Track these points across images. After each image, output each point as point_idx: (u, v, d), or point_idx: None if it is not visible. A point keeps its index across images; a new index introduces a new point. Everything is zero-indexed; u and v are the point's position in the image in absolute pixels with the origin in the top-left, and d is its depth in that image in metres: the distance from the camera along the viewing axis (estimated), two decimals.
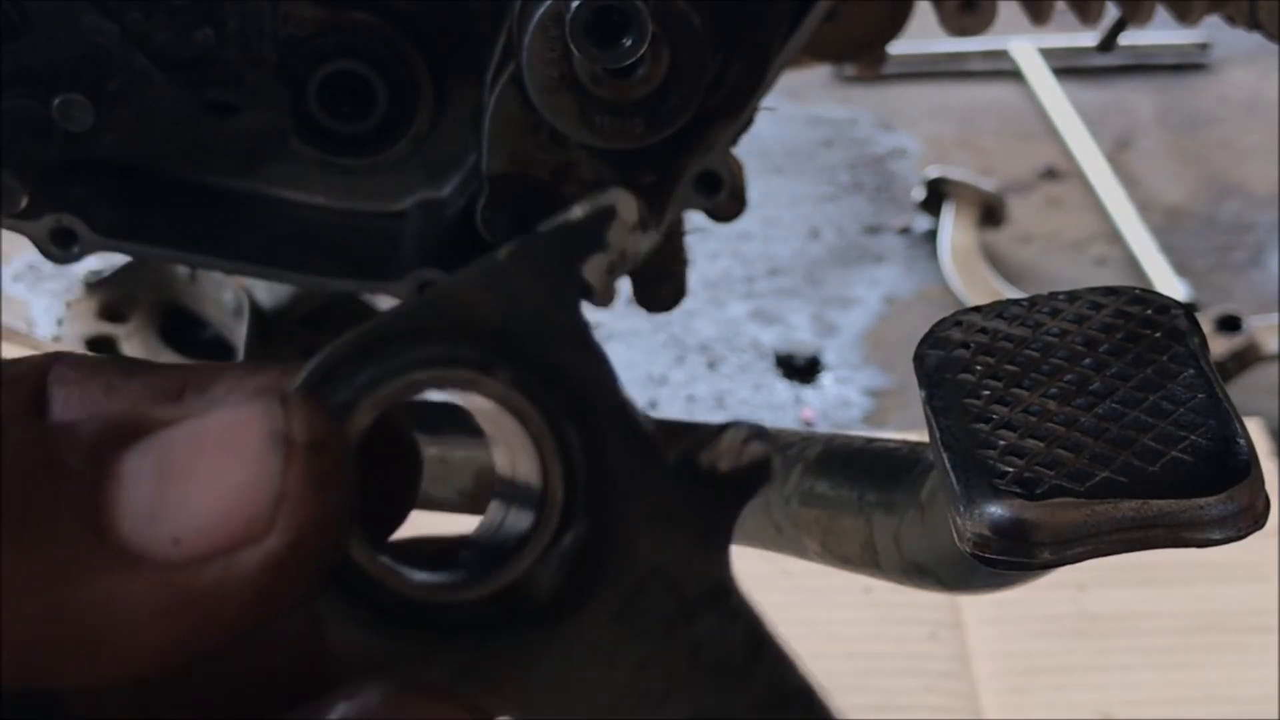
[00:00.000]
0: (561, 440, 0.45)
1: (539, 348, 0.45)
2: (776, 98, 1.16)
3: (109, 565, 0.41)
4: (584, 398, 0.46)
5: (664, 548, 0.46)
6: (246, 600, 0.41)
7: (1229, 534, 0.71)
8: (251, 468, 0.42)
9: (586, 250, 0.46)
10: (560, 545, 0.45)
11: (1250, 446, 0.73)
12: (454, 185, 1.22)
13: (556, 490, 0.45)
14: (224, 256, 1.19)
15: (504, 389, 0.45)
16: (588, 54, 0.99)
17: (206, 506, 0.41)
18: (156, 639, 0.41)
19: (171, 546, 0.41)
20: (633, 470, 0.46)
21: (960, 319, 0.81)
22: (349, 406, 0.44)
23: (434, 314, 0.45)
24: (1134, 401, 0.75)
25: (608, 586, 0.46)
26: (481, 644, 0.45)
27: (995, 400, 0.77)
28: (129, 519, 0.41)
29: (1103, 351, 0.78)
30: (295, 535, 0.41)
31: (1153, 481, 0.72)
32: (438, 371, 0.44)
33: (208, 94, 1.13)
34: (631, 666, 0.46)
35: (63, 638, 0.41)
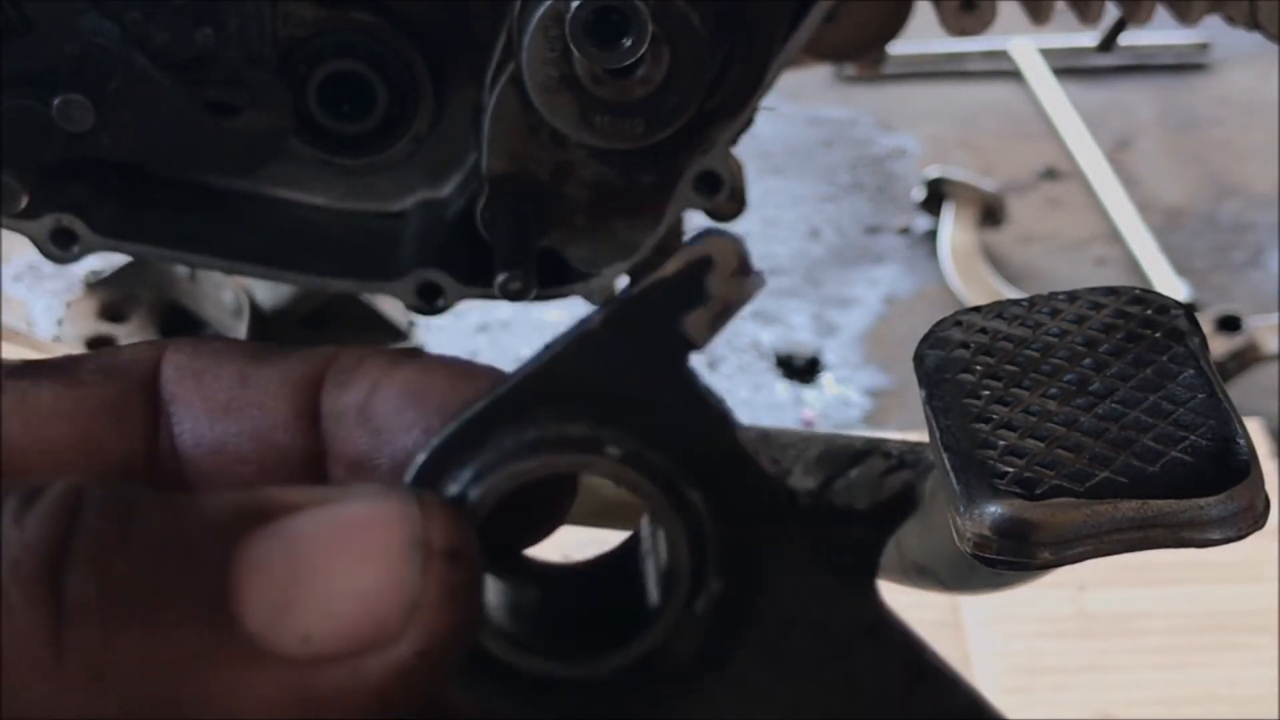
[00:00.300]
0: (683, 507, 0.43)
1: (649, 413, 0.43)
2: (776, 98, 1.16)
3: (233, 658, 0.40)
4: (703, 455, 0.44)
5: (806, 591, 0.45)
6: (369, 704, 0.40)
7: (1229, 534, 0.71)
8: (388, 572, 0.40)
9: (686, 306, 0.43)
10: (694, 611, 0.44)
11: (1250, 446, 0.73)
12: (454, 185, 1.22)
13: (682, 559, 0.43)
14: (224, 256, 1.19)
15: (616, 467, 0.43)
16: (588, 54, 0.99)
17: (339, 607, 0.40)
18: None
19: (299, 644, 0.40)
20: (764, 519, 0.44)
21: (960, 319, 0.81)
22: (459, 501, 0.43)
23: (535, 391, 0.43)
24: (1134, 401, 0.75)
25: (752, 634, 0.44)
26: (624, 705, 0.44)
27: (995, 400, 0.77)
28: (258, 610, 0.40)
29: (1103, 351, 0.78)
30: (426, 644, 0.40)
31: (1153, 481, 0.72)
32: (546, 458, 0.43)
33: (208, 94, 1.13)
34: (786, 706, 0.45)
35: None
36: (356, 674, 0.40)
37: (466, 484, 0.43)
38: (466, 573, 0.41)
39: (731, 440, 0.44)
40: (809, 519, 0.44)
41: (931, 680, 0.45)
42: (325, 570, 0.40)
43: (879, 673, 0.45)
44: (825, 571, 0.45)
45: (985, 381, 0.77)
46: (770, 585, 0.44)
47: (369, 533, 0.41)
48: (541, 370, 0.43)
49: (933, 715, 0.45)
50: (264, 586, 0.40)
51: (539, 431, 0.43)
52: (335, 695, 0.40)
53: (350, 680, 0.40)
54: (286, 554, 0.41)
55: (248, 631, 0.40)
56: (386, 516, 0.41)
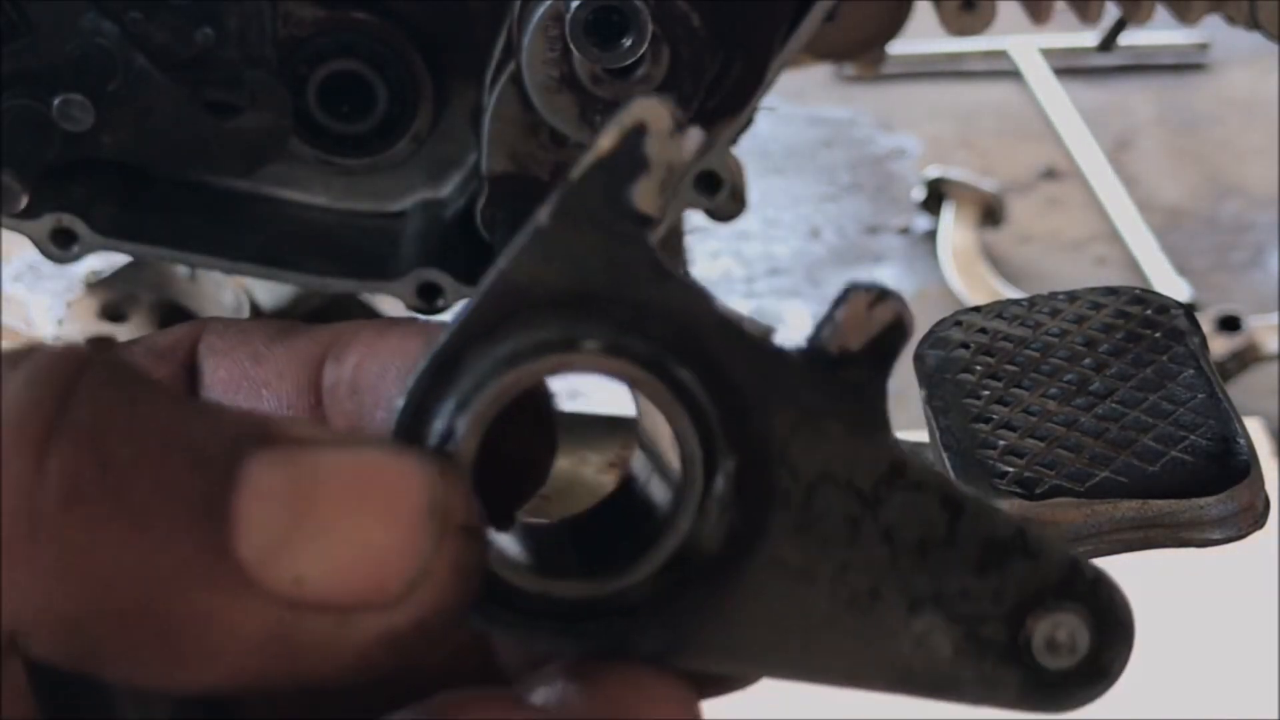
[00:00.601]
0: (678, 388, 0.41)
1: (620, 301, 0.41)
2: (776, 98, 1.16)
3: (219, 582, 0.37)
4: (685, 332, 0.42)
5: (821, 449, 0.43)
6: (350, 664, 0.38)
7: (1229, 534, 0.71)
8: (401, 533, 0.38)
9: (630, 178, 0.41)
10: (714, 493, 0.42)
11: (1250, 446, 0.73)
12: (454, 185, 1.22)
13: (690, 442, 0.41)
14: (224, 256, 1.19)
15: (598, 359, 0.41)
16: (588, 54, 0.99)
17: (341, 555, 0.37)
18: (244, 671, 0.37)
19: (290, 584, 0.37)
20: (762, 384, 0.42)
21: (960, 319, 0.81)
22: (448, 436, 0.41)
23: (498, 307, 0.41)
24: (1134, 401, 0.75)
25: (778, 508, 0.43)
26: (667, 612, 0.42)
27: (995, 400, 0.77)
28: (254, 537, 0.37)
29: (1103, 351, 0.78)
30: (423, 616, 0.38)
31: (1153, 481, 0.72)
32: (524, 368, 0.41)
33: (208, 94, 1.13)
34: (830, 577, 0.43)
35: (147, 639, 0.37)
36: (343, 630, 0.38)
37: (451, 416, 0.41)
38: (478, 554, 0.39)
39: (710, 311, 0.42)
40: (806, 374, 0.43)
41: (970, 511, 0.44)
42: (333, 513, 0.38)
43: (915, 517, 0.43)
44: (835, 423, 0.43)
45: (985, 381, 0.77)
46: (784, 452, 0.43)
47: (388, 486, 0.38)
48: (500, 281, 0.41)
49: (978, 549, 0.43)
50: (265, 515, 0.37)
51: (512, 345, 0.41)
52: (315, 647, 0.38)
53: (335, 635, 0.38)
54: (294, 486, 0.38)
55: (239, 558, 0.37)
56: (409, 475, 0.38)
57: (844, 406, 0.43)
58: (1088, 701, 0.46)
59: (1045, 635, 0.44)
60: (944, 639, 0.44)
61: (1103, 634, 0.45)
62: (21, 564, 0.36)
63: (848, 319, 0.43)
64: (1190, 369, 0.76)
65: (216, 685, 0.38)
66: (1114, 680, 0.46)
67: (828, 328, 0.43)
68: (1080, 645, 0.45)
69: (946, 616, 0.44)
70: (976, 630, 0.44)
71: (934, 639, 0.44)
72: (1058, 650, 0.44)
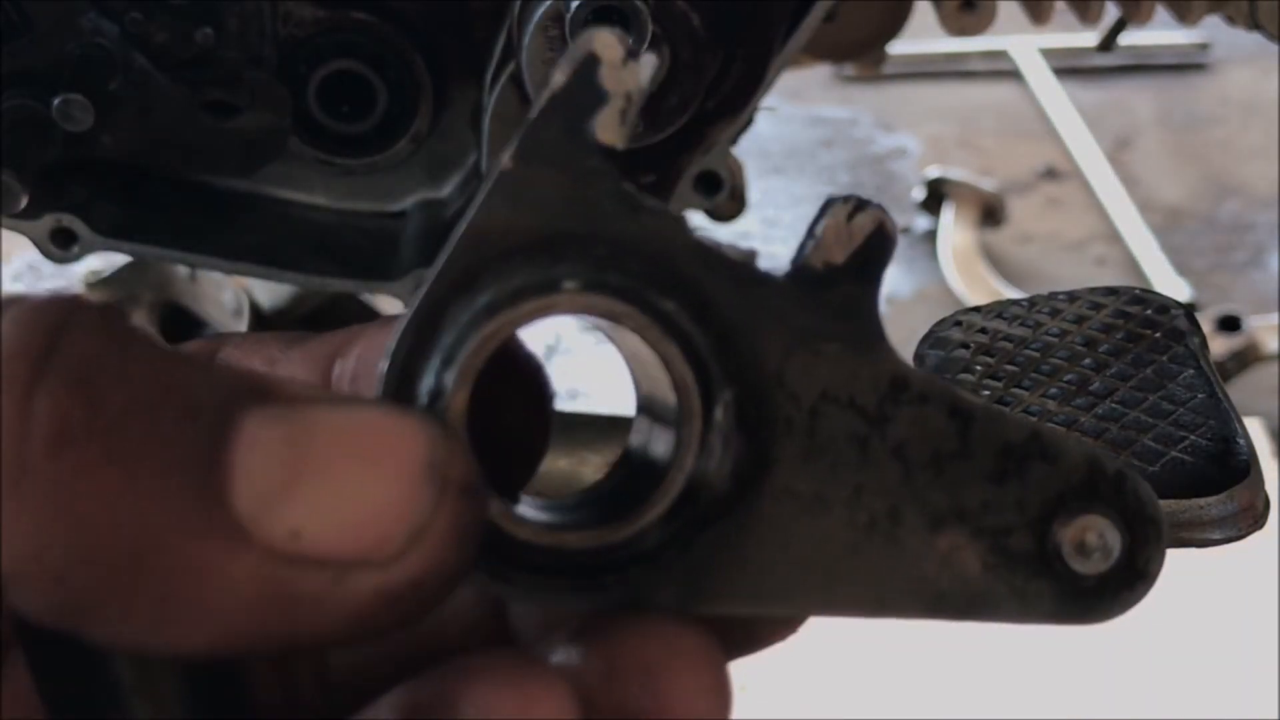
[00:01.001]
0: (663, 320, 0.41)
1: (595, 238, 0.41)
2: (776, 98, 1.16)
3: (214, 534, 0.36)
4: (664, 263, 0.41)
5: (818, 371, 0.42)
6: (346, 622, 0.37)
7: (1229, 534, 0.71)
8: (400, 488, 0.37)
9: (588, 111, 0.40)
10: (714, 425, 0.41)
11: (1250, 446, 0.73)
12: (454, 185, 1.22)
13: (683, 374, 0.41)
14: (224, 256, 1.19)
15: (579, 298, 0.40)
16: None
17: (339, 509, 0.37)
18: (236, 628, 0.36)
19: (286, 537, 0.36)
20: (749, 308, 0.41)
21: (960, 319, 0.81)
22: (438, 393, 0.40)
23: (471, 257, 0.41)
24: (1134, 401, 0.75)
25: (782, 437, 0.42)
26: (684, 558, 0.42)
27: (995, 400, 0.77)
28: (250, 489, 0.36)
29: (1103, 351, 0.78)
30: (421, 574, 0.37)
31: (1153, 481, 0.72)
32: (505, 315, 0.40)
33: (208, 94, 1.13)
34: (845, 502, 0.42)
35: (136, 591, 0.36)
36: (339, 586, 0.36)
37: (437, 373, 0.40)
38: (476, 514, 0.38)
39: (687, 239, 0.41)
40: (794, 295, 0.42)
41: (981, 419, 0.42)
42: (331, 466, 0.37)
43: (925, 431, 0.42)
44: (830, 343, 0.42)
45: (985, 381, 0.77)
46: (781, 377, 0.42)
47: (386, 442, 0.37)
48: (470, 231, 0.41)
49: (993, 456, 0.42)
50: (260, 466, 0.36)
51: (491, 294, 0.40)
52: (310, 603, 0.36)
53: (331, 591, 0.36)
54: (291, 439, 0.37)
55: (234, 510, 0.36)
56: (408, 432, 0.38)
57: (837, 325, 0.42)
58: (1128, 607, 0.44)
59: (1074, 540, 0.43)
60: (971, 555, 0.43)
61: (1134, 532, 0.43)
62: (8, 509, 0.35)
63: (829, 232, 0.42)
64: (1190, 369, 0.76)
65: (208, 644, 0.37)
66: (1152, 581, 0.44)
67: (810, 244, 0.42)
68: (1112, 546, 0.43)
69: (971, 531, 0.43)
70: (1003, 542, 0.43)
71: (961, 556, 0.43)
72: (1089, 554, 0.43)
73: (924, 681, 1.65)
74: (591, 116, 0.41)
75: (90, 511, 0.35)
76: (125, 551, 0.35)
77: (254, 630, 0.37)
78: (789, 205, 2.90)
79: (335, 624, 0.37)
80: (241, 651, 0.37)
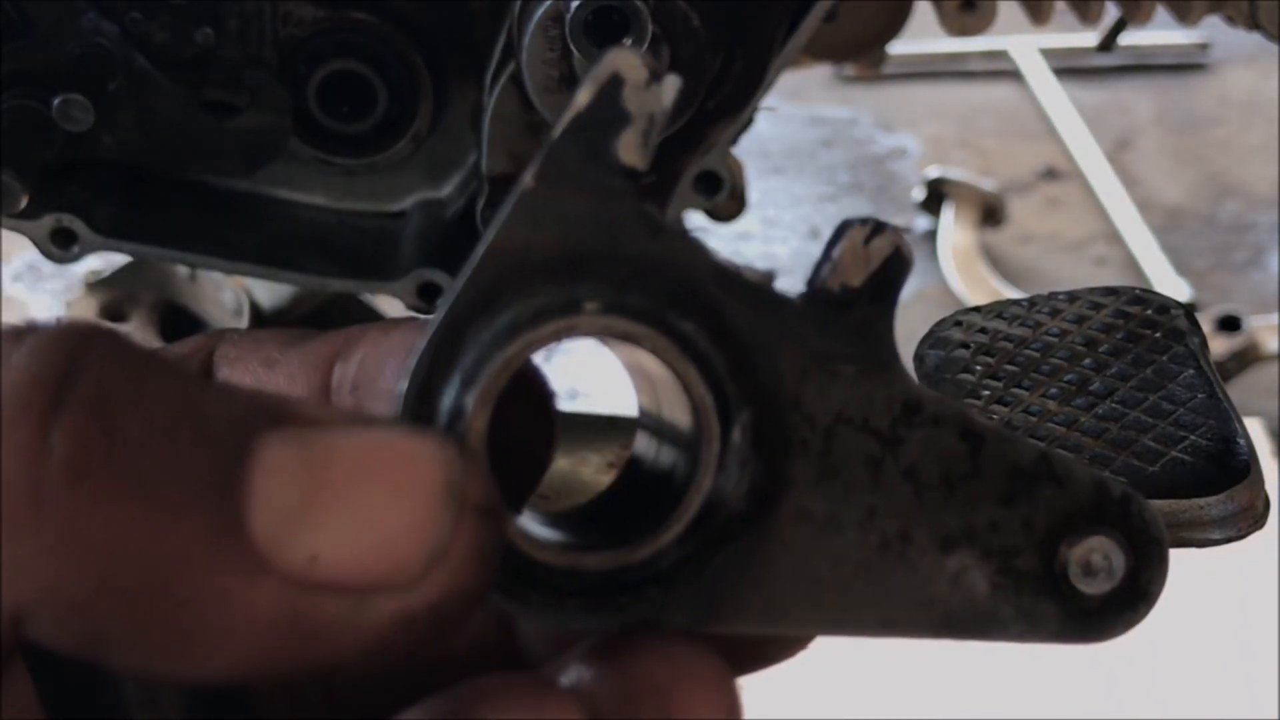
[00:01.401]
0: (683, 341, 0.41)
1: (615, 258, 0.41)
2: (776, 98, 1.16)
3: (231, 562, 0.36)
4: (682, 283, 0.41)
5: (834, 393, 0.42)
6: (366, 648, 0.37)
7: (1229, 534, 0.71)
8: (418, 511, 0.37)
9: (610, 132, 0.40)
10: (731, 445, 0.41)
11: (1250, 446, 0.73)
12: (454, 185, 1.22)
13: (702, 395, 0.41)
14: (224, 256, 1.19)
15: (600, 320, 0.40)
16: (587, 54, 0.99)
17: (357, 533, 0.36)
18: (255, 656, 0.36)
19: (305, 563, 0.36)
20: (766, 330, 0.42)
21: (960, 319, 0.81)
22: (458, 414, 0.40)
23: (492, 277, 0.41)
24: (1134, 402, 0.75)
25: (797, 458, 0.42)
26: (699, 577, 0.42)
27: (995, 400, 0.77)
28: (268, 515, 0.36)
29: (1103, 352, 0.78)
30: (441, 598, 0.37)
31: (1153, 481, 0.72)
32: (526, 336, 0.40)
33: (208, 94, 1.13)
34: (858, 523, 0.43)
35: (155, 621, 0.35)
36: (359, 612, 0.36)
37: (458, 394, 0.40)
38: (496, 535, 0.38)
39: (706, 261, 0.41)
40: (811, 317, 0.42)
41: (991, 441, 0.43)
42: (349, 490, 0.37)
43: (936, 453, 0.43)
44: (846, 365, 0.42)
45: (985, 381, 0.77)
46: (798, 399, 0.42)
47: (404, 465, 0.37)
48: (492, 250, 0.41)
49: (1005, 478, 0.43)
50: (278, 491, 0.36)
51: (512, 314, 0.40)
52: (329, 629, 0.36)
53: (351, 617, 0.36)
54: (308, 463, 0.37)
55: (252, 536, 0.36)
56: (426, 454, 0.37)
57: (853, 347, 0.42)
58: (1130, 627, 0.45)
59: (1080, 561, 0.44)
60: (979, 575, 0.43)
61: (1138, 554, 0.44)
62: (25, 540, 0.35)
63: (845, 255, 0.42)
64: (1190, 369, 0.76)
65: (227, 672, 0.36)
66: (1154, 602, 0.45)
67: (826, 267, 0.42)
68: (1117, 567, 0.44)
69: (979, 552, 0.43)
70: (1011, 563, 0.43)
71: (969, 577, 0.43)
72: (1094, 575, 0.44)
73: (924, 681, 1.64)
74: (614, 137, 0.41)
75: (108, 542, 0.35)
76: (144, 582, 0.35)
77: (273, 659, 0.36)
78: (789, 205, 2.90)
79: (355, 650, 0.37)
80: (259, 679, 0.37)
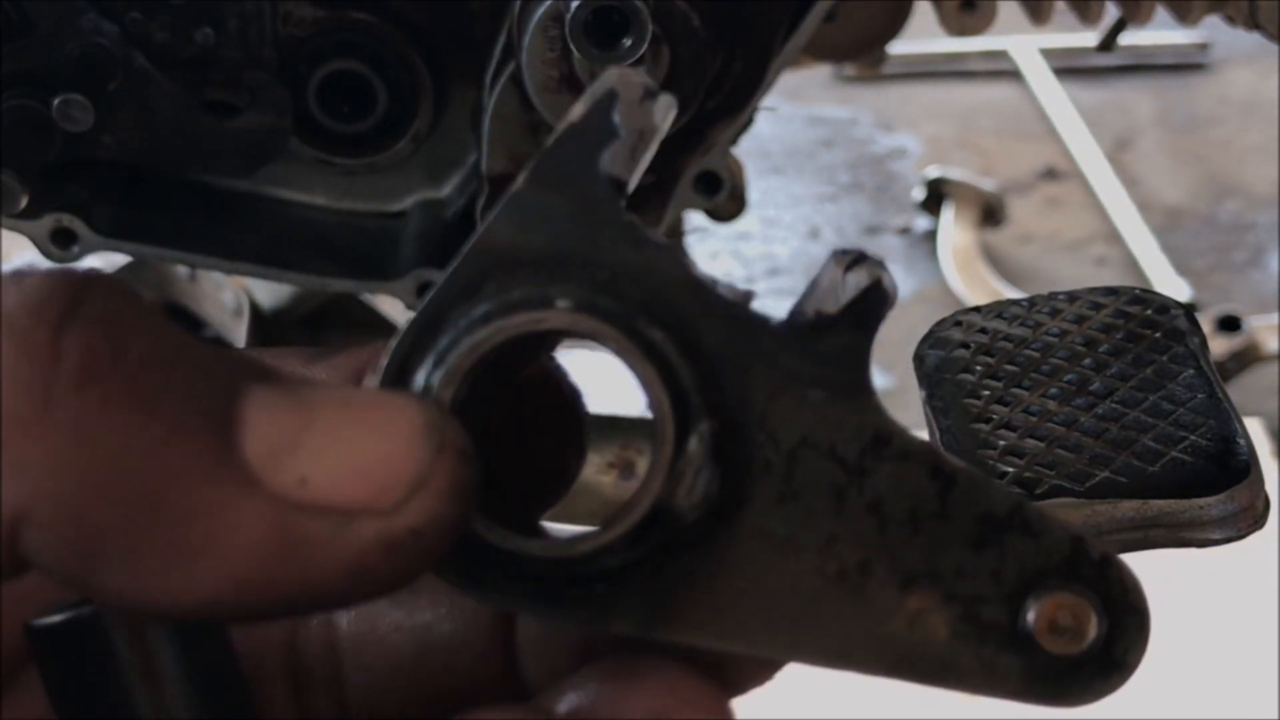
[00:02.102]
0: (646, 345, 0.41)
1: (595, 263, 0.42)
2: (776, 98, 1.16)
3: (225, 478, 0.38)
4: (658, 294, 0.42)
5: (801, 416, 0.42)
6: (348, 568, 0.38)
7: (1229, 534, 0.71)
8: (401, 445, 0.39)
9: (600, 144, 0.42)
10: (687, 453, 0.41)
11: (1250, 446, 0.73)
12: (454, 185, 1.22)
13: (661, 401, 0.41)
14: (224, 256, 1.19)
15: (569, 317, 0.42)
16: (587, 54, 0.99)
17: (343, 460, 0.39)
18: (243, 573, 0.38)
19: (294, 484, 0.38)
20: (738, 347, 0.42)
21: (960, 319, 0.81)
22: (427, 390, 0.42)
23: (477, 269, 0.42)
24: (1134, 402, 0.75)
25: (759, 476, 0.42)
26: (650, 582, 0.42)
27: (995, 400, 0.77)
28: (258, 443, 0.38)
29: (1103, 352, 0.78)
30: (422, 524, 0.39)
31: (1153, 482, 0.72)
32: (495, 324, 0.42)
33: (208, 94, 1.13)
34: (817, 549, 0.42)
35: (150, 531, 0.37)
36: (345, 531, 0.38)
37: (429, 372, 0.42)
38: (472, 476, 0.40)
39: (684, 274, 0.42)
40: (786, 340, 0.42)
41: (963, 484, 0.42)
42: (334, 427, 0.39)
43: (904, 489, 0.42)
44: (816, 391, 0.42)
45: (985, 381, 0.77)
46: (764, 418, 0.42)
47: (385, 406, 0.40)
48: (479, 244, 0.43)
49: (974, 522, 0.42)
50: (268, 424, 0.39)
51: (488, 304, 0.42)
52: (316, 548, 0.38)
53: (337, 536, 0.38)
54: (295, 406, 0.39)
55: (244, 457, 0.38)
56: (404, 403, 0.40)
57: (824, 373, 0.42)
58: (1101, 695, 0.43)
59: (1048, 617, 0.42)
60: (940, 620, 0.42)
61: (1113, 620, 0.42)
62: (34, 440, 0.36)
63: (824, 282, 0.42)
64: (1190, 369, 0.76)
65: (214, 592, 0.38)
66: (1129, 672, 0.43)
67: (807, 292, 0.43)
68: (1087, 630, 0.42)
69: (942, 595, 0.42)
70: (975, 611, 0.42)
71: (929, 619, 0.42)
72: (1061, 634, 0.42)
73: None
74: (603, 149, 0.42)
75: (112, 448, 0.37)
76: (142, 490, 0.37)
77: (260, 578, 0.38)
78: (789, 205, 2.90)
79: (338, 571, 0.38)
80: (247, 606, 0.38)
